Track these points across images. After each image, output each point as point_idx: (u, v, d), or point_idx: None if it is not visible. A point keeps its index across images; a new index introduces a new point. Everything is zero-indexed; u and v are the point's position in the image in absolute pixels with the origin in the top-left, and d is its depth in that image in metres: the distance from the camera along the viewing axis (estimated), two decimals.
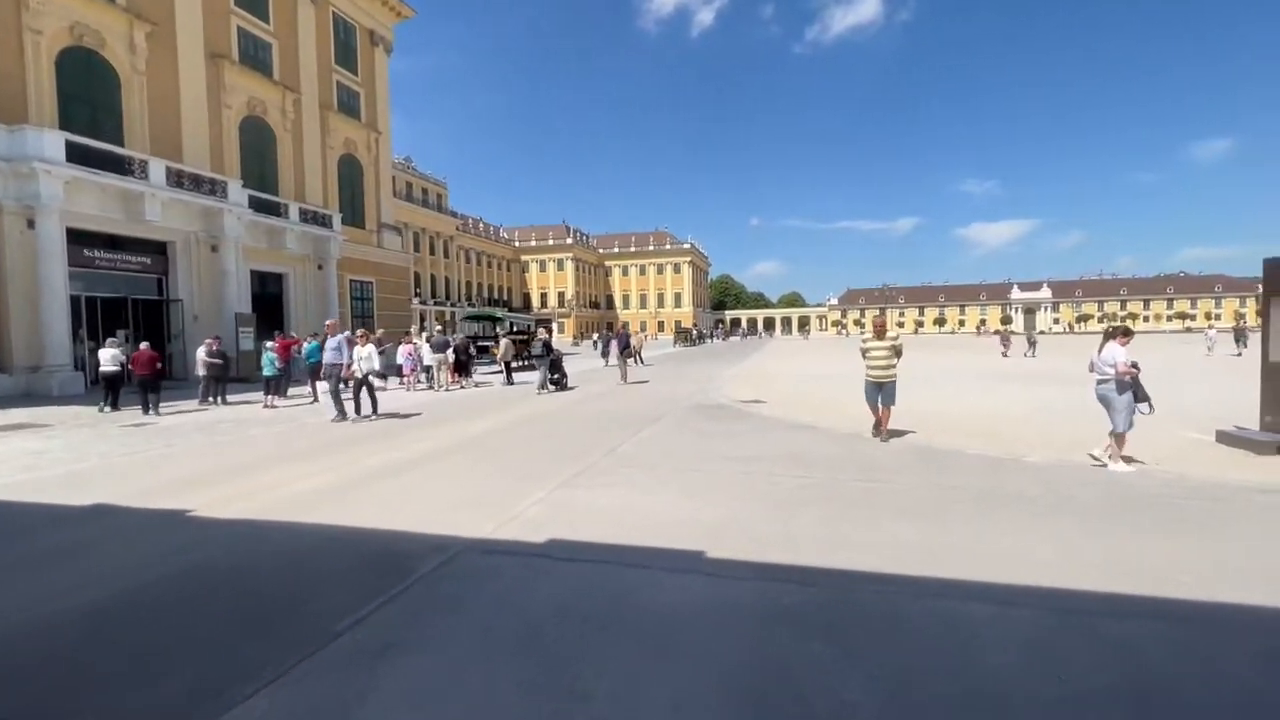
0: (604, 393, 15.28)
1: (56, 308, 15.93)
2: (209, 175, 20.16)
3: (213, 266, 20.72)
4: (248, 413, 12.82)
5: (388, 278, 31.55)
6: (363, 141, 30.14)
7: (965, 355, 31.86)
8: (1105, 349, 6.74)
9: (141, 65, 19.64)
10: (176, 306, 20.08)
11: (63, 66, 17.70)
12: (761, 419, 10.30)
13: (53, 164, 15.63)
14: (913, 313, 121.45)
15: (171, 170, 18.84)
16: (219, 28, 22.52)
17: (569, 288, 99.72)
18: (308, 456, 7.78)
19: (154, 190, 18.13)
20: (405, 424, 10.65)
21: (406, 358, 16.66)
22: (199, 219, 20.22)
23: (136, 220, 18.16)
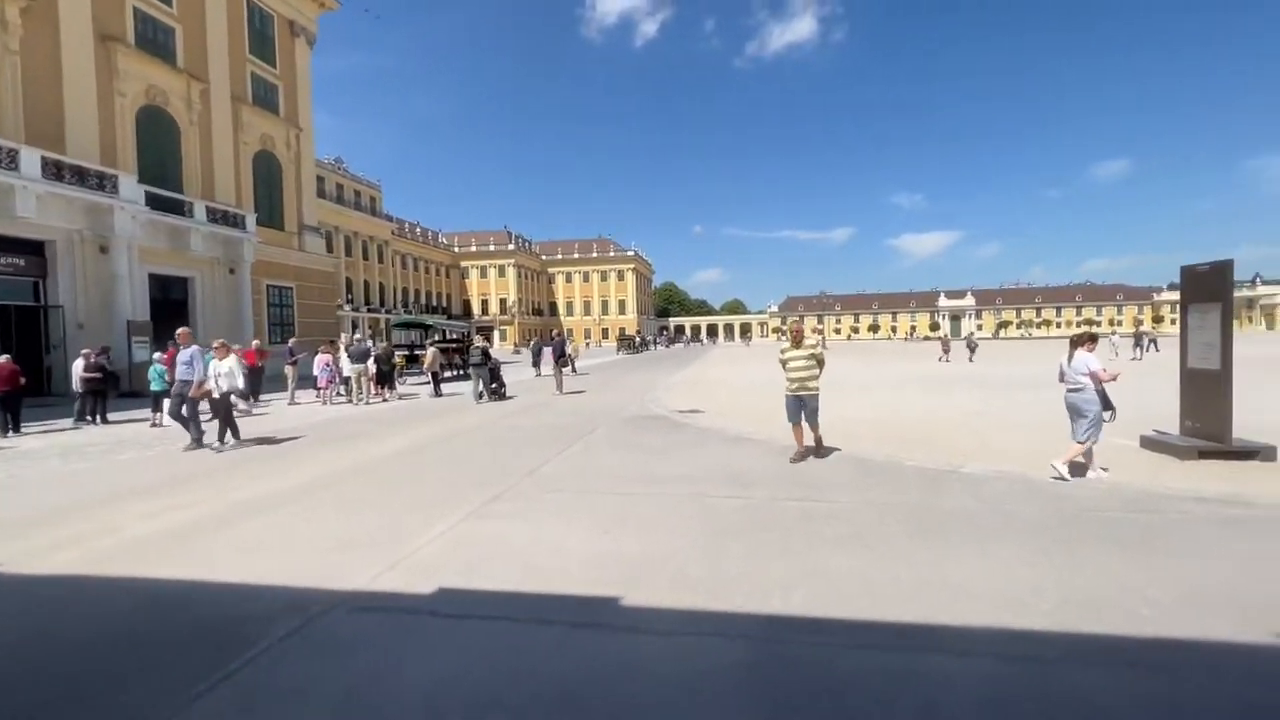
0: (536, 405, 14.51)
1: None
2: (96, 168, 18.19)
3: (101, 269, 18.68)
4: (129, 433, 11.38)
5: (310, 283, 29.62)
6: (281, 137, 28.23)
7: (905, 361, 32.73)
8: (1075, 357, 6.60)
9: (14, 44, 17.55)
10: (56, 313, 17.95)
11: None
12: (698, 431, 9.84)
13: None
14: (849, 319, 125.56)
15: (49, 161, 16.85)
16: (111, 6, 20.50)
17: (511, 294, 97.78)
18: (168, 489, 6.71)
19: (26, 182, 16.14)
20: (297, 445, 9.58)
21: (323, 369, 15.37)
22: (83, 216, 18.19)
23: (5, 216, 16.09)
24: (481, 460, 7.96)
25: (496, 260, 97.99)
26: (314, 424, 11.99)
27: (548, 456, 8.03)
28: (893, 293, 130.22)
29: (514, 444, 9.10)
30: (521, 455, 8.15)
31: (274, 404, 15.75)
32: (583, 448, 8.69)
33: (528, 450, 8.52)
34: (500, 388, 16.30)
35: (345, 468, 7.58)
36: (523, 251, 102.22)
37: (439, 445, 9.20)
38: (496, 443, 9.29)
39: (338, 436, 10.26)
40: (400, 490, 6.38)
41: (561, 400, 15.21)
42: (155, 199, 20.79)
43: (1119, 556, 4.11)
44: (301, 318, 28.89)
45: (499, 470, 7.22)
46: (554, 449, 8.55)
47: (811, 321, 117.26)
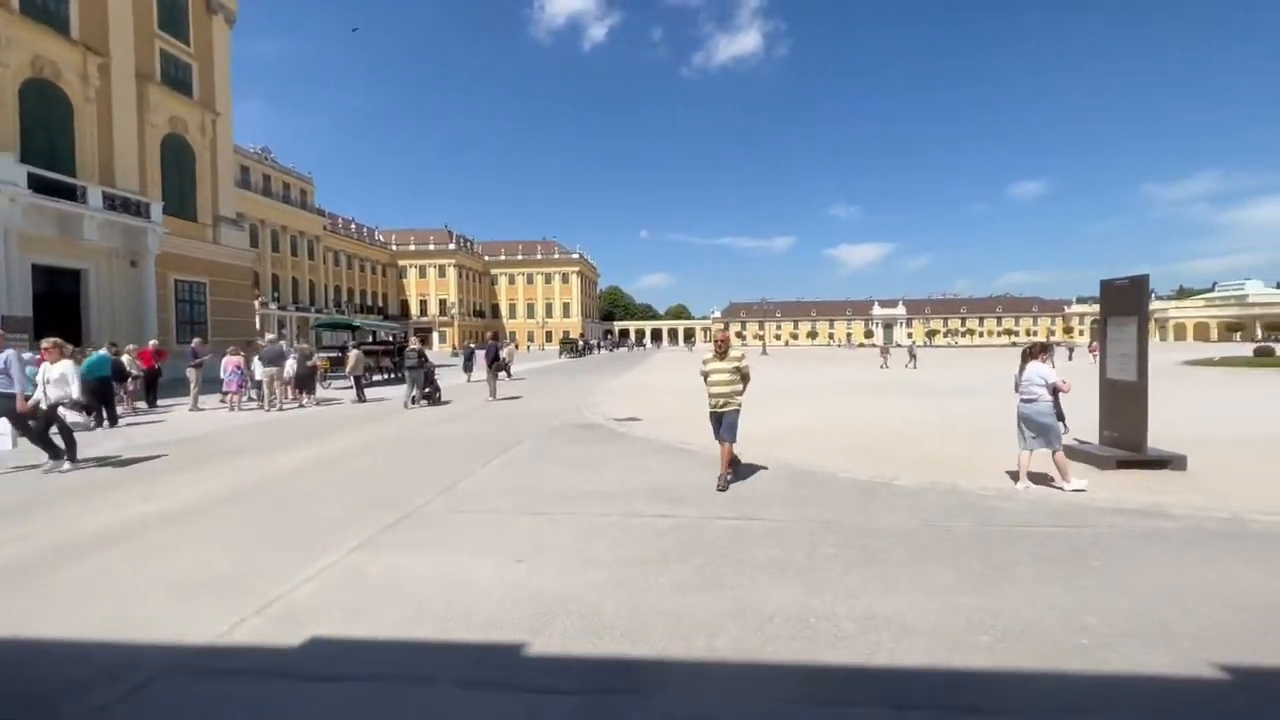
0: (465, 412, 13.76)
1: None
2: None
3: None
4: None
5: (225, 278, 27.54)
6: (195, 121, 26.15)
7: (845, 367, 33.48)
8: (1029, 368, 6.54)
9: None
10: None
11: None
12: (634, 441, 9.44)
13: None
14: (789, 326, 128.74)
15: None
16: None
17: (451, 295, 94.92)
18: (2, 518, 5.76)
19: None
20: (178, 461, 8.57)
21: (231, 372, 14.08)
22: None
23: None
24: (392, 476, 7.28)
25: (436, 260, 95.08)
26: (208, 434, 10.87)
27: (469, 470, 7.44)
28: (830, 300, 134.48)
29: (433, 456, 8.44)
30: (438, 469, 7.52)
31: (175, 410, 14.34)
32: (507, 460, 8.13)
33: (447, 463, 7.89)
34: (435, 392, 15.73)
35: (226, 488, 6.73)
36: (464, 251, 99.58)
37: (348, 459, 8.42)
38: (413, 455, 8.60)
39: (230, 449, 9.27)
40: (287, 515, 5.65)
41: (494, 407, 14.51)
42: (40, 181, 18.72)
43: (1054, 579, 3.96)
44: (215, 316, 26.79)
45: (410, 488, 6.58)
46: (476, 462, 7.95)
47: (753, 328, 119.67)
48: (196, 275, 25.91)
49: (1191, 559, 4.35)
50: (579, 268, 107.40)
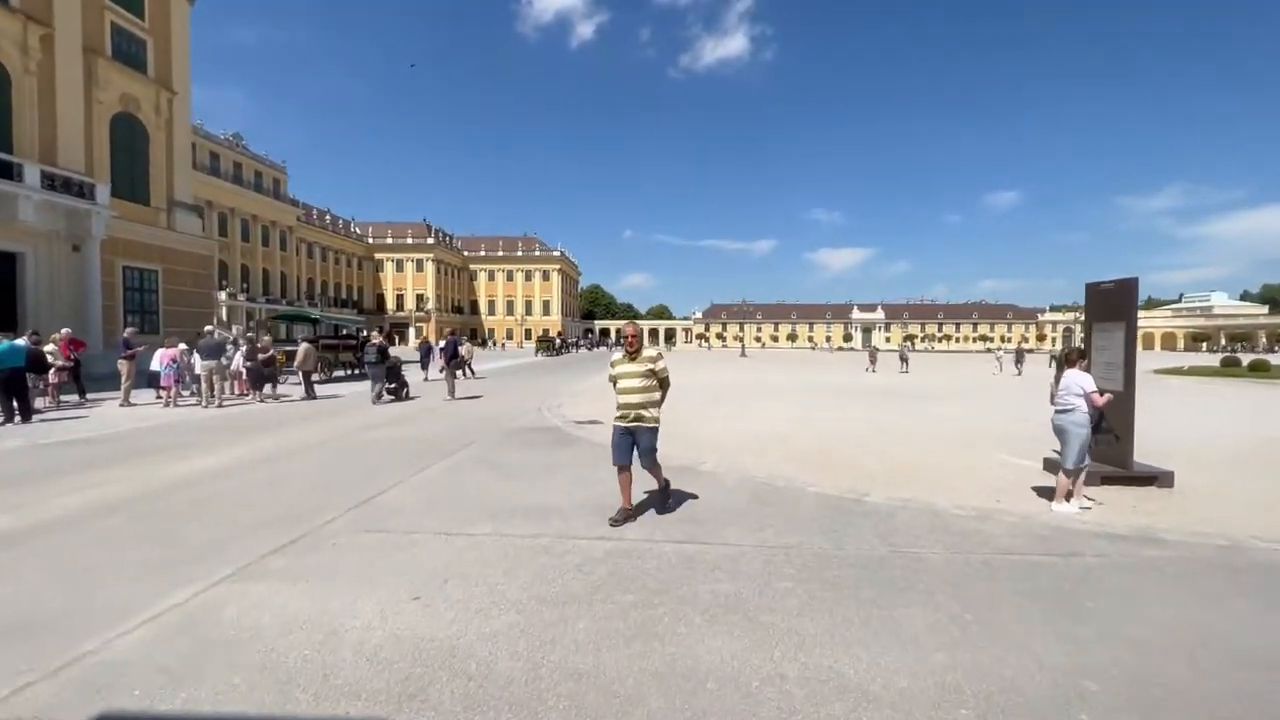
0: (416, 412, 12.94)
1: None
2: None
3: None
4: None
5: (180, 266, 26.18)
6: (149, 100, 24.78)
7: (827, 370, 33.14)
8: (1067, 376, 5.98)
9: None
10: None
11: None
12: (590, 446, 8.76)
13: None
14: (769, 328, 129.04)
15: None
16: None
17: (429, 290, 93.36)
18: None
19: None
20: (71, 464, 7.70)
21: (167, 365, 13.08)
22: None
23: None
24: (308, 486, 6.50)
25: (414, 254, 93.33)
26: (126, 432, 9.93)
27: (396, 479, 6.69)
28: (811, 304, 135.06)
29: (363, 463, 7.66)
30: (363, 479, 6.76)
31: (104, 404, 13.30)
32: (445, 468, 7.39)
33: (375, 471, 7.13)
34: (402, 388, 15.45)
35: (114, 497, 5.90)
36: (443, 246, 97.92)
37: (269, 464, 7.60)
38: (342, 461, 7.81)
39: (142, 450, 8.38)
40: (166, 532, 4.86)
41: (449, 407, 13.70)
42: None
43: (1043, 625, 3.37)
44: (168, 305, 25.45)
45: (318, 501, 5.81)
46: (409, 469, 7.20)
47: (734, 329, 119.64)
48: (148, 262, 24.57)
49: (1193, 597, 3.80)
50: (560, 265, 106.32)
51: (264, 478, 6.83)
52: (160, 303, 25.22)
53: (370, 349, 14.78)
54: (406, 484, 6.51)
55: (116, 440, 9.15)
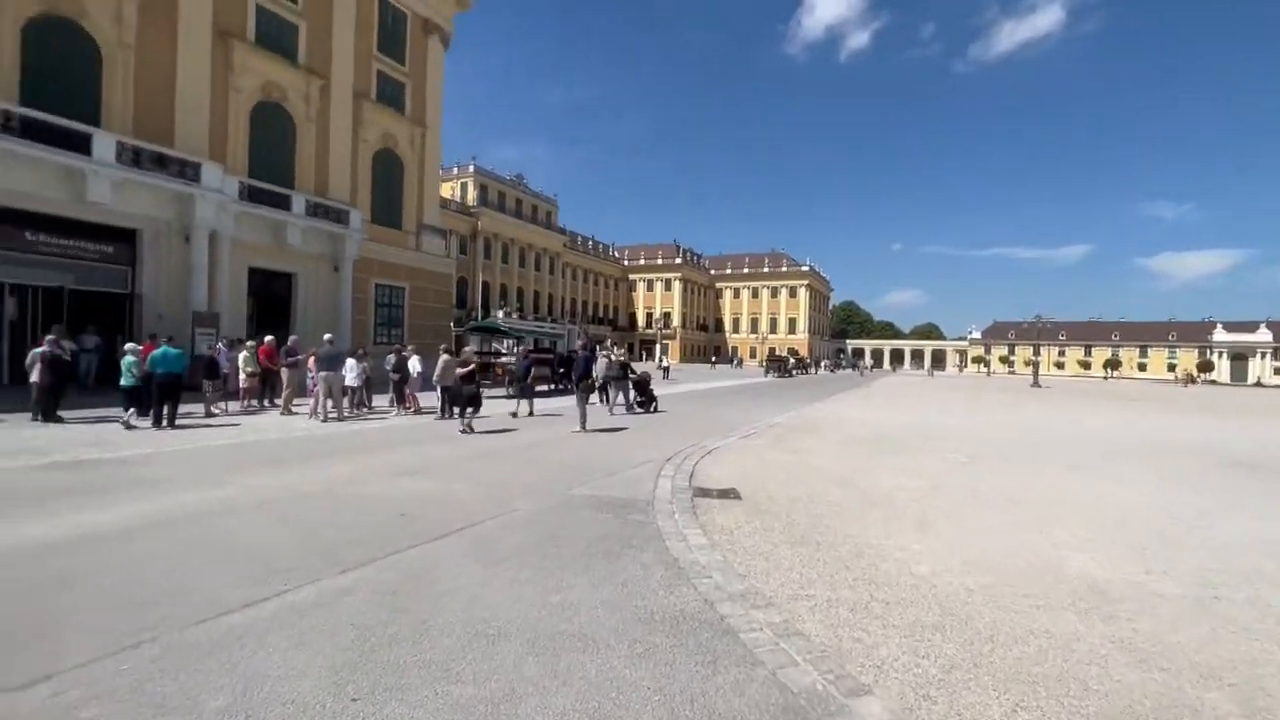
0: (498, 449, 9.99)
1: None
2: (177, 155, 17.88)
3: (184, 260, 18.40)
4: (73, 434, 9.27)
5: (424, 283, 28.70)
6: (405, 136, 27.69)
7: (1150, 411, 22.29)
8: None
9: (129, 39, 17.90)
10: (135, 303, 17.91)
11: (29, 37, 16.11)
12: (671, 569, 4.55)
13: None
14: (1076, 351, 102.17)
15: (126, 146, 16.64)
16: (232, 4, 20.71)
17: (675, 308, 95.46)
18: None
19: (98, 168, 15.94)
20: None
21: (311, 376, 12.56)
22: (173, 205, 18.01)
23: (82, 202, 16.06)
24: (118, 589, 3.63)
25: (663, 274, 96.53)
26: (211, 447, 8.85)
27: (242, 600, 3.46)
28: (1141, 322, 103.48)
29: (228, 553, 4.66)
30: (174, 594, 3.68)
31: (271, 413, 13.41)
32: (327, 591, 3.94)
33: (187, 590, 4.03)
34: (649, 401, 16.01)
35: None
36: (690, 265, 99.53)
37: (165, 529, 5.11)
38: (234, 538, 4.95)
39: (133, 479, 6.76)
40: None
41: (567, 442, 10.51)
42: (253, 191, 20.50)
43: None
44: (413, 320, 27.99)
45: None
46: (257, 585, 3.95)
47: (1024, 352, 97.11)
48: (397, 280, 27.27)
49: None
50: (808, 281, 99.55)
51: (114, 558, 4.23)
52: (406, 317, 27.77)
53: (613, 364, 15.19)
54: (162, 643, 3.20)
55: (162, 459, 7.93)
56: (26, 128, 14.92)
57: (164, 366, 10.94)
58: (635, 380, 16.34)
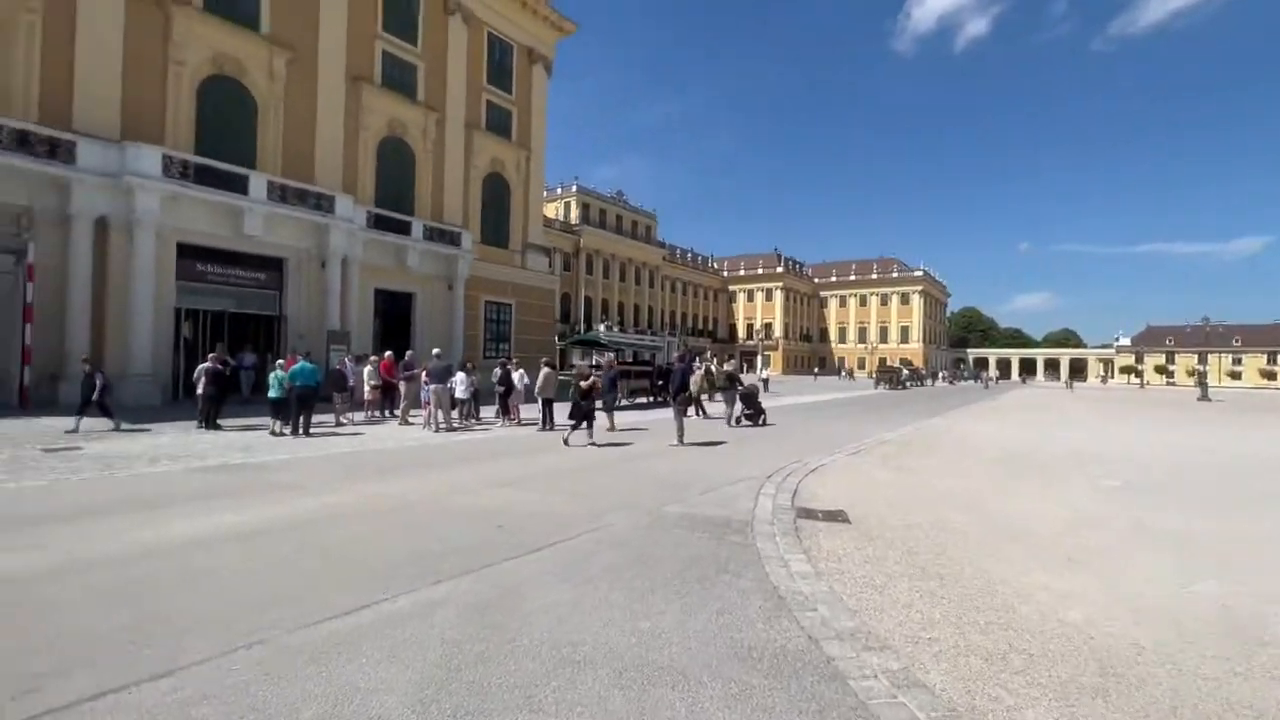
0: (587, 463, 9.92)
1: (142, 319, 16.15)
2: (315, 190, 19.90)
3: (321, 283, 20.40)
4: (225, 440, 10.61)
5: (529, 300, 29.93)
6: (511, 160, 29.16)
7: None
8: None
9: (279, 91, 20.28)
10: (281, 323, 20.04)
11: (203, 94, 18.69)
12: (771, 598, 4.21)
13: (148, 178, 15.98)
14: (1256, 360, 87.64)
15: (274, 185, 18.76)
16: (362, 52, 22.89)
17: (777, 318, 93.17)
18: None
19: (253, 205, 18.09)
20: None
21: (422, 388, 13.34)
22: (312, 235, 20.07)
23: (240, 235, 18.28)
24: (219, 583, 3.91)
25: (764, 283, 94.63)
26: (333, 455, 9.59)
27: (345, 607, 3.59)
28: None
29: (348, 562, 4.84)
30: (278, 599, 3.87)
31: (390, 423, 14.40)
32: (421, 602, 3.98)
33: (269, 601, 4.19)
34: (758, 414, 15.74)
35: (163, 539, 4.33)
36: (792, 274, 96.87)
37: (288, 532, 5.46)
38: (344, 547, 5.17)
39: (270, 485, 7.39)
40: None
41: (664, 456, 10.31)
42: (378, 219, 22.37)
43: None
44: (519, 334, 29.23)
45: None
46: (395, 587, 4.04)
47: (1186, 360, 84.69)
48: (504, 297, 28.64)
49: None
50: (922, 286, 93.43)
51: (220, 565, 4.58)
52: (513, 332, 29.06)
53: (719, 375, 15.28)
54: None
55: (283, 467, 8.67)
56: (199, 174, 17.23)
57: (301, 380, 12.06)
58: (742, 393, 15.80)
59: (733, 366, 14.56)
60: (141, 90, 17.24)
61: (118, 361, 16.06)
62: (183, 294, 17.92)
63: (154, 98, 17.61)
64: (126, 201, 15.96)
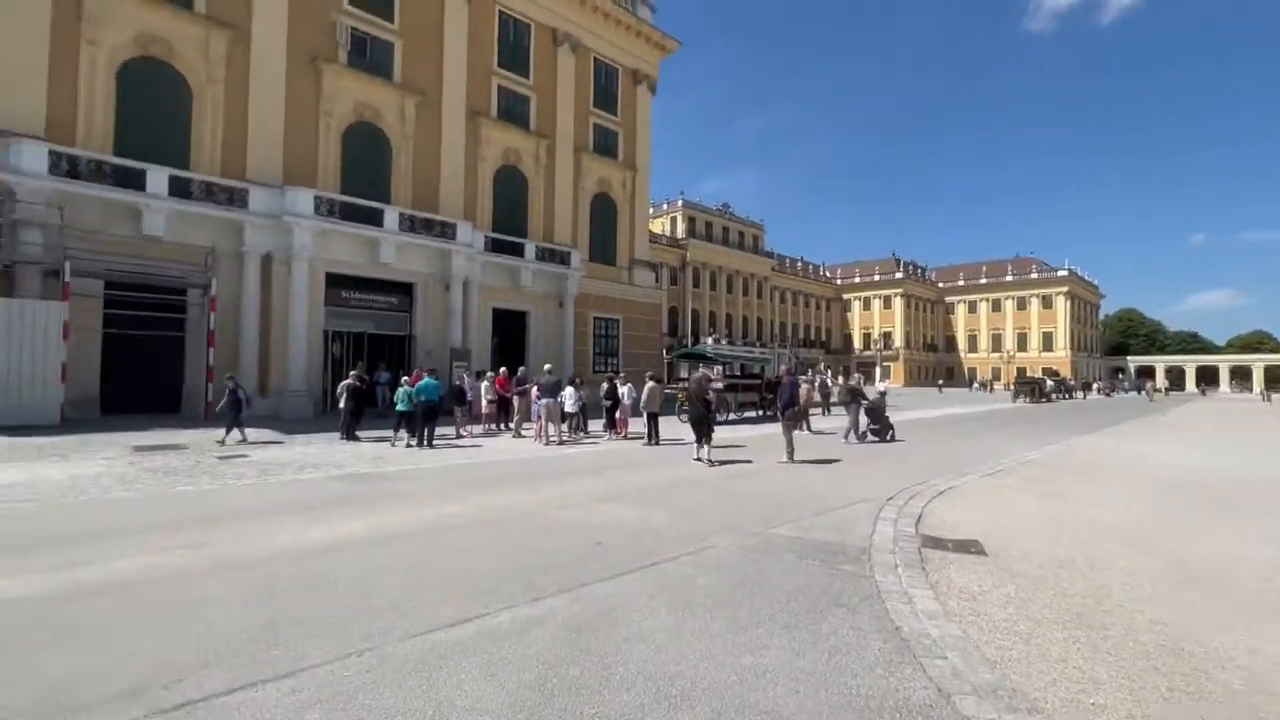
0: (704, 477, 9.59)
1: (297, 341, 18.23)
2: (439, 219, 21.51)
3: (444, 305, 21.96)
4: (361, 450, 11.71)
5: (636, 315, 30.34)
6: (618, 180, 29.89)
7: None
8: None
9: (410, 131, 22.29)
10: (411, 342, 21.78)
11: (347, 139, 20.97)
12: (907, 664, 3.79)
13: (303, 217, 18.10)
14: None
15: (404, 216, 20.51)
16: (480, 88, 24.59)
17: (897, 327, 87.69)
18: (183, 528, 5.14)
19: (386, 235, 19.89)
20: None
21: (534, 404, 13.84)
22: (437, 261, 21.71)
23: (376, 263, 20.15)
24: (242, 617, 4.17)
25: (881, 291, 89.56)
26: (430, 468, 10.15)
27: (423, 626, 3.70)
28: None
29: (446, 574, 4.95)
30: (332, 625, 4.03)
31: (503, 436, 15.07)
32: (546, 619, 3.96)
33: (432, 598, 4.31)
34: (886, 430, 14.90)
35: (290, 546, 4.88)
36: (913, 279, 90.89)
37: (405, 540, 5.75)
38: (434, 561, 5.30)
39: (384, 494, 7.91)
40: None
41: (772, 474, 9.83)
42: (494, 243, 23.76)
43: None
44: (627, 349, 29.69)
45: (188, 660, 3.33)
46: (494, 601, 4.10)
47: None
48: (612, 313, 29.26)
49: None
50: (1067, 287, 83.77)
51: (290, 579, 4.91)
52: (620, 346, 29.57)
53: (838, 389, 15.52)
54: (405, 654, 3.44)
55: (402, 478, 9.27)
56: (344, 210, 19.26)
57: (425, 395, 12.94)
58: (868, 407, 14.99)
59: (856, 380, 13.55)
60: (298, 140, 19.66)
61: (278, 379, 18.24)
62: (330, 318, 20.04)
63: (308, 146, 20.00)
64: (286, 238, 18.17)
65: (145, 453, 10.77)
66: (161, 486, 8.05)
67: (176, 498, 7.48)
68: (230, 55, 18.36)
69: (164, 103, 17.48)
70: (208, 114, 18.08)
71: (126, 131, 16.79)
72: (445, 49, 23.29)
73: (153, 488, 7.95)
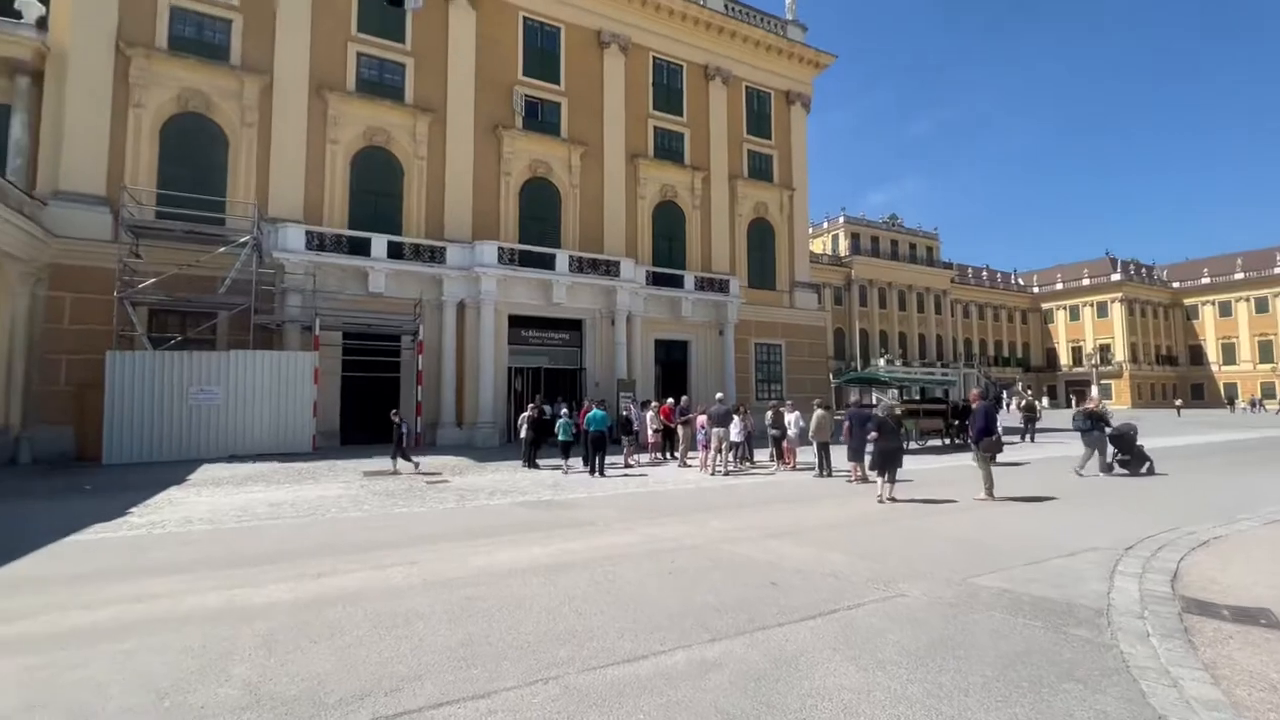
0: (887, 514, 8.65)
1: (486, 377, 20.31)
2: (604, 258, 22.78)
3: (610, 338, 23.09)
4: (542, 477, 12.80)
5: (799, 339, 29.25)
6: (774, 202, 29.42)
7: None
8: None
9: (576, 180, 24.16)
10: (582, 375, 23.14)
11: (524, 193, 23.32)
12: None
13: (489, 267, 20.32)
14: None
15: (573, 258, 22.06)
16: (638, 132, 25.92)
17: (1117, 338, 74.54)
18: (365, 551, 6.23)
19: (558, 278, 21.53)
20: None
21: (699, 431, 13.85)
22: (603, 297, 22.98)
23: (550, 303, 21.88)
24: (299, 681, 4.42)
25: (1093, 297, 76.92)
26: (597, 497, 10.47)
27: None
28: None
29: (566, 627, 4.94)
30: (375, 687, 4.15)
31: (668, 465, 15.25)
32: None
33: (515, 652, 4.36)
34: (1140, 461, 12.86)
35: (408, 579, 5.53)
36: (1135, 281, 76.77)
37: (582, 569, 5.95)
38: (552, 607, 5.32)
39: (570, 521, 8.32)
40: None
41: (969, 512, 8.64)
42: (655, 276, 24.57)
43: None
44: (790, 374, 28.70)
45: None
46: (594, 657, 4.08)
47: None
48: (774, 338, 28.54)
49: None
50: None
51: (359, 618, 5.23)
52: (784, 372, 28.68)
53: (1077, 414, 13.37)
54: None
55: (600, 504, 9.69)
56: (522, 258, 21.29)
57: (594, 425, 13.60)
58: (1113, 434, 12.96)
59: (1099, 403, 12.10)
60: (483, 199, 22.29)
61: (471, 412, 20.42)
62: (512, 355, 22.07)
63: (490, 203, 22.56)
64: (475, 286, 20.51)
65: (372, 478, 12.63)
66: (384, 507, 9.34)
67: (395, 519, 8.61)
68: (431, 135, 21.52)
69: (383, 181, 20.98)
70: (414, 186, 21.30)
71: (356, 207, 20.39)
72: (605, 102, 25.00)
73: (376, 509, 9.26)
